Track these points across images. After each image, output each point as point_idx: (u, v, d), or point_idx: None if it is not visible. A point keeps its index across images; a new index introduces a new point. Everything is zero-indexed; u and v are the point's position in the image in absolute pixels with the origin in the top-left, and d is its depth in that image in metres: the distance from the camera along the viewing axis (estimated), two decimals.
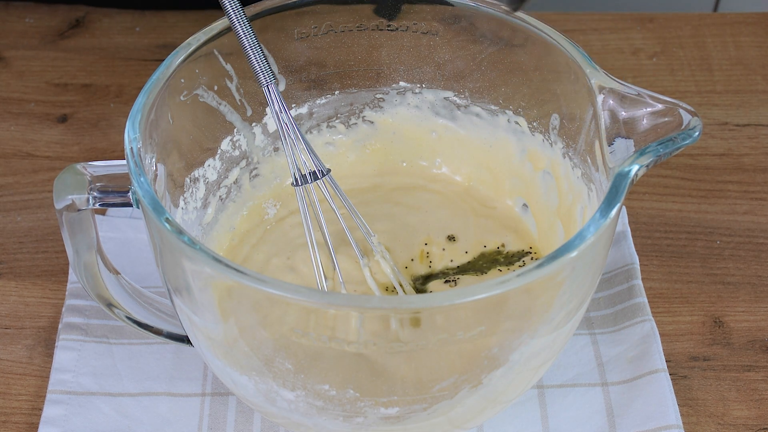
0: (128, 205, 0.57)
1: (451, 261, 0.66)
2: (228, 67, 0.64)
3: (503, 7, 0.62)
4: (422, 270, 0.66)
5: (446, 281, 0.65)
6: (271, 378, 0.55)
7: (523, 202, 0.69)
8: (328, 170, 0.63)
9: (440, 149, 0.71)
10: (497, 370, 0.55)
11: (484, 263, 0.67)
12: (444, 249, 0.67)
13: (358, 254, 0.65)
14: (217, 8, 0.60)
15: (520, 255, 0.67)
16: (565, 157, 0.65)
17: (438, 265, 0.66)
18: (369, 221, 0.66)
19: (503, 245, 0.67)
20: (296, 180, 0.63)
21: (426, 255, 0.67)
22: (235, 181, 0.68)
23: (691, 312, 0.72)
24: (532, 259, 0.67)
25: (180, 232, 0.51)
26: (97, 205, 0.58)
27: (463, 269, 0.66)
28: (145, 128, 0.56)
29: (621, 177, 0.54)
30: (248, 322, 0.54)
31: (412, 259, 0.67)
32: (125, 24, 0.94)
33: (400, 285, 0.64)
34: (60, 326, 0.69)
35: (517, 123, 0.67)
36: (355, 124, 0.71)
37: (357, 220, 0.65)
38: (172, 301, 0.57)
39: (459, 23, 0.65)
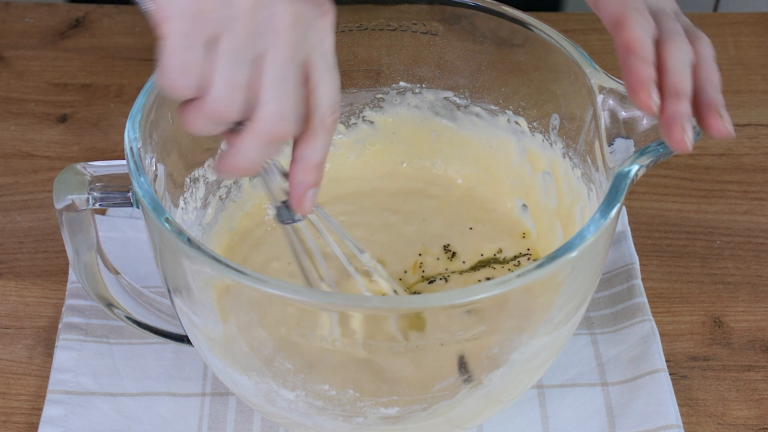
0: (128, 205, 0.57)
1: (446, 269, 0.66)
2: None
3: None
4: (414, 280, 0.66)
5: (430, 282, 0.65)
6: (271, 378, 0.55)
7: (522, 202, 0.69)
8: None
9: (440, 149, 0.71)
10: (497, 370, 0.55)
11: (479, 268, 0.67)
12: (438, 258, 0.67)
13: (355, 278, 0.63)
14: None
15: (516, 257, 0.67)
16: (565, 158, 0.65)
17: (431, 274, 0.66)
18: (367, 232, 0.66)
19: (500, 251, 0.67)
20: (280, 214, 0.56)
21: (419, 265, 0.66)
22: (235, 181, 0.68)
23: (691, 312, 0.72)
24: (529, 259, 0.67)
25: (180, 232, 0.51)
26: (97, 205, 0.58)
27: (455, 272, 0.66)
28: (145, 128, 0.56)
29: (621, 177, 0.54)
30: (248, 322, 0.54)
31: (405, 271, 0.66)
32: (125, 24, 0.94)
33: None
34: (60, 326, 0.69)
35: (517, 123, 0.67)
36: (355, 124, 0.71)
37: (348, 243, 0.62)
38: (172, 301, 0.57)
39: (459, 23, 0.65)
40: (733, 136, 0.56)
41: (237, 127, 0.50)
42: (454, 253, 0.67)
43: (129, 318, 0.64)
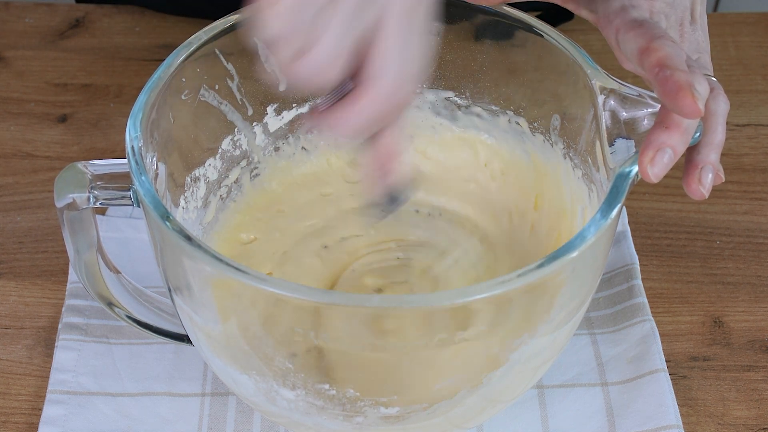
0: (129, 204, 0.57)
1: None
2: (229, 66, 0.64)
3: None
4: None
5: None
6: (271, 377, 0.55)
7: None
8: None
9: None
10: (497, 370, 0.55)
11: None
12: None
13: None
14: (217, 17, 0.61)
15: None
16: (565, 158, 0.65)
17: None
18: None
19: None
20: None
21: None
22: (236, 181, 0.68)
23: (691, 312, 0.72)
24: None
25: (181, 230, 0.51)
26: (97, 204, 0.58)
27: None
28: (146, 127, 0.56)
29: (621, 177, 0.54)
30: (248, 320, 0.54)
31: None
32: (125, 24, 0.94)
33: None
34: (60, 326, 0.69)
35: (517, 123, 0.67)
36: None
37: None
38: (172, 300, 0.58)
39: (459, 23, 0.65)
40: (705, 198, 0.58)
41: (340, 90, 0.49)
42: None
43: (129, 317, 0.64)
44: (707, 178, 0.57)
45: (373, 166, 0.53)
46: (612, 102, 0.57)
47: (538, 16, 0.62)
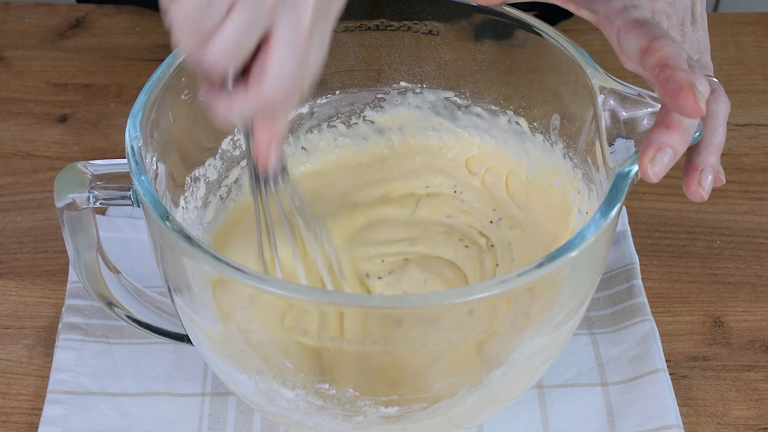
0: (129, 204, 0.57)
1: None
2: None
3: None
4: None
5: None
6: (270, 377, 0.55)
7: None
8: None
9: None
10: (497, 369, 0.55)
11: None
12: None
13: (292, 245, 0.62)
14: None
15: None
16: (565, 158, 0.65)
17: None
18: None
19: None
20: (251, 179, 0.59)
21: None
22: (236, 181, 0.68)
23: (691, 312, 0.72)
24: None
25: (180, 230, 0.51)
26: (97, 204, 0.58)
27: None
28: (146, 127, 0.56)
29: (621, 177, 0.54)
30: (248, 320, 0.54)
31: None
32: (125, 24, 0.94)
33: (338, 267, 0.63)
34: (60, 326, 0.69)
35: (517, 123, 0.67)
36: (356, 123, 0.71)
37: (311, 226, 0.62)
38: (172, 300, 0.58)
39: (459, 23, 0.66)
40: (704, 200, 0.58)
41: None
42: None
43: (129, 317, 0.64)
44: (707, 180, 0.57)
45: (255, 148, 0.55)
46: (612, 102, 0.57)
47: (535, 15, 0.63)
